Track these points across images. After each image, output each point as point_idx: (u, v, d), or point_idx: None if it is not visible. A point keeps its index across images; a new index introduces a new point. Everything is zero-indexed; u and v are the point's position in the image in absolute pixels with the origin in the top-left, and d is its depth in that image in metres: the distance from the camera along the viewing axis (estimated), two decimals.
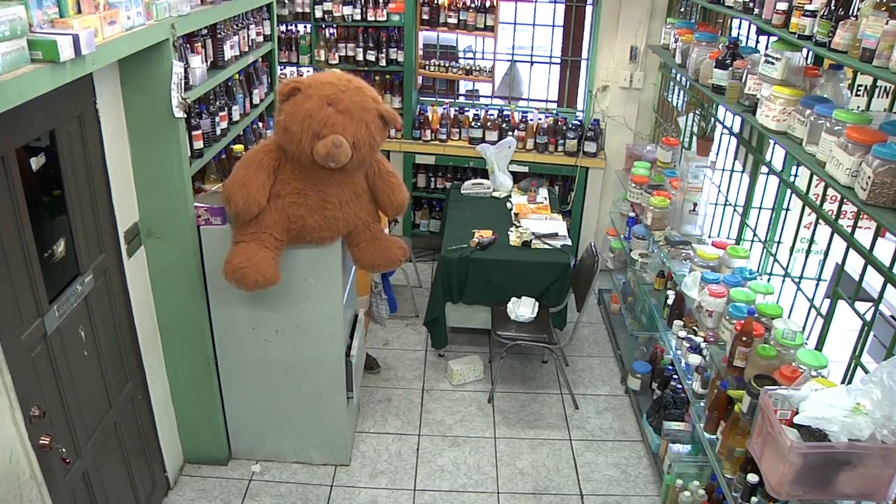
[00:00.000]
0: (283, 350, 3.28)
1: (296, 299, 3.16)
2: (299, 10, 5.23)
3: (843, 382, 2.49)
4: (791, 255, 3.25)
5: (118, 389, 2.82)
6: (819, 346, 2.69)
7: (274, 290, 3.00)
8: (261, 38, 3.84)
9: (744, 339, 2.70)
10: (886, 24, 1.98)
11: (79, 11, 2.00)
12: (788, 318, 2.90)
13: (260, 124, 3.96)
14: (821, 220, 2.91)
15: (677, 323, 3.51)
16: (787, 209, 3.60)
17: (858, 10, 2.17)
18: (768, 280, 3.38)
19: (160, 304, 3.12)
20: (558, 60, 5.57)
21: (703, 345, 3.19)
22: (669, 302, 3.71)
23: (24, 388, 2.07)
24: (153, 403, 3.14)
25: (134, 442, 2.98)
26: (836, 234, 2.68)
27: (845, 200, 2.28)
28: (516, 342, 4.03)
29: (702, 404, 3.02)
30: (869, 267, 2.45)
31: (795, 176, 3.36)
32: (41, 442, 2.15)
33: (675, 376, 3.55)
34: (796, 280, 3.11)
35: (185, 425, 3.42)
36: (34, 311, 2.20)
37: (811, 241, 3.09)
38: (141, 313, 2.99)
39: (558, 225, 4.56)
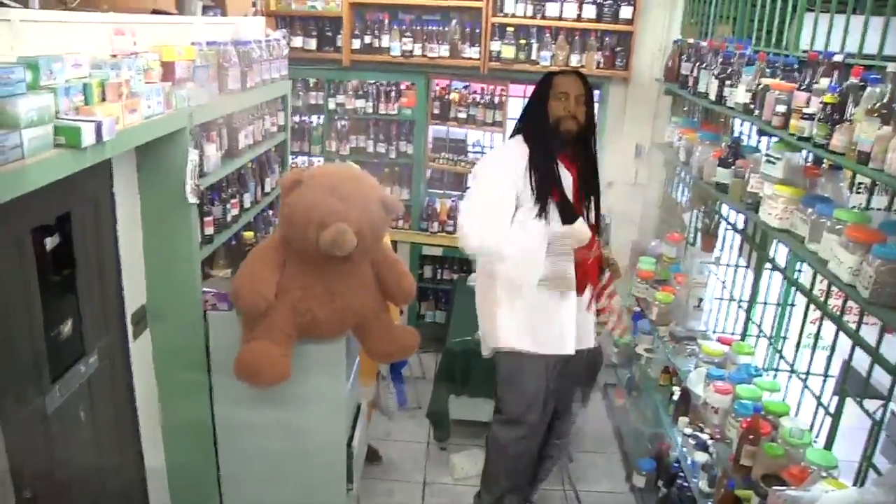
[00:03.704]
0: (283, 438, 3.22)
1: (299, 390, 3.12)
2: (313, 101, 5.41)
3: (854, 483, 2.43)
4: (797, 350, 3.23)
5: (114, 474, 2.77)
6: (828, 444, 2.64)
7: None
8: (275, 128, 3.96)
9: (750, 437, 2.66)
10: (879, 129, 2.04)
11: (103, 100, 2.09)
12: (796, 415, 2.86)
13: (270, 212, 4.03)
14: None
15: (683, 419, 3.44)
16: (793, 304, 3.60)
17: (853, 114, 2.24)
18: (774, 376, 3.35)
19: (163, 386, 3.10)
20: None
21: (709, 442, 3.13)
22: (675, 398, 3.66)
23: (18, 469, 2.04)
24: (149, 491, 3.07)
25: None
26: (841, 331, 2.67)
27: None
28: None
29: None
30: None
31: (800, 271, 3.38)
32: None
33: (681, 474, 3.46)
34: (802, 376, 3.08)
35: None
36: (36, 389, 2.19)
37: (817, 337, 3.08)
38: (143, 395, 2.96)
39: None
